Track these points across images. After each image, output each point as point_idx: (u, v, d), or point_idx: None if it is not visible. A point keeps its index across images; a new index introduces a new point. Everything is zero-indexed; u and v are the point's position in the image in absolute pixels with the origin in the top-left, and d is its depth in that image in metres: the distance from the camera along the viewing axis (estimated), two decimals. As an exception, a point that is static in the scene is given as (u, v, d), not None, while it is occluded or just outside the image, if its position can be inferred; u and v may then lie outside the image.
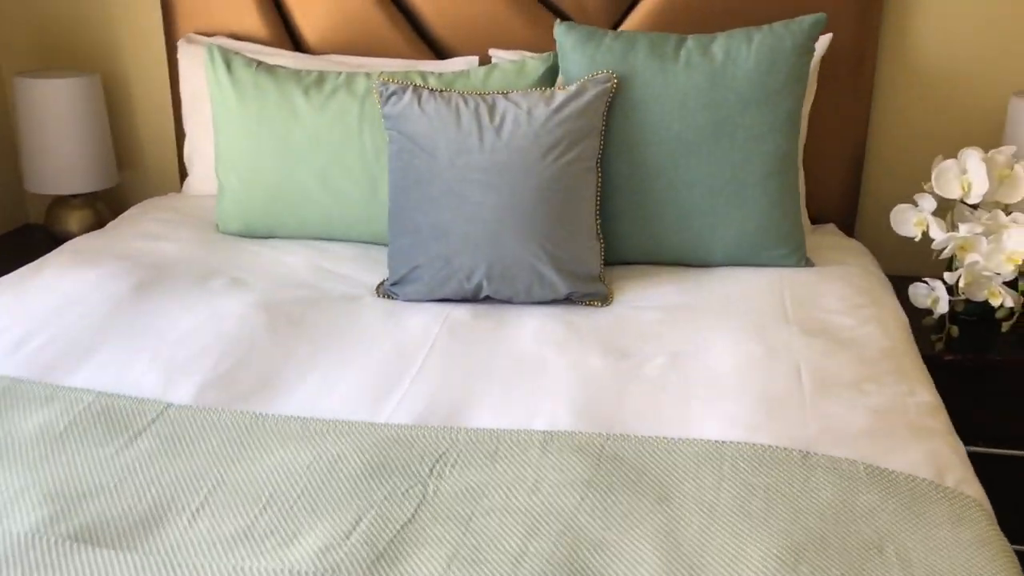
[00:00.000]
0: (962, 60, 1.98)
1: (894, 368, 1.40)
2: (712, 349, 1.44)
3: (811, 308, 1.59)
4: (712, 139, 1.69)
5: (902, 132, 2.06)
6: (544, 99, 1.66)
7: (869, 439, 1.21)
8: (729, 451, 1.17)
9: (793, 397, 1.30)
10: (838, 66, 1.95)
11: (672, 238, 1.75)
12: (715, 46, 1.71)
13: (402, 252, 1.67)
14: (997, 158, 1.72)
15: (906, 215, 1.79)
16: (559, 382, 1.38)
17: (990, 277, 1.68)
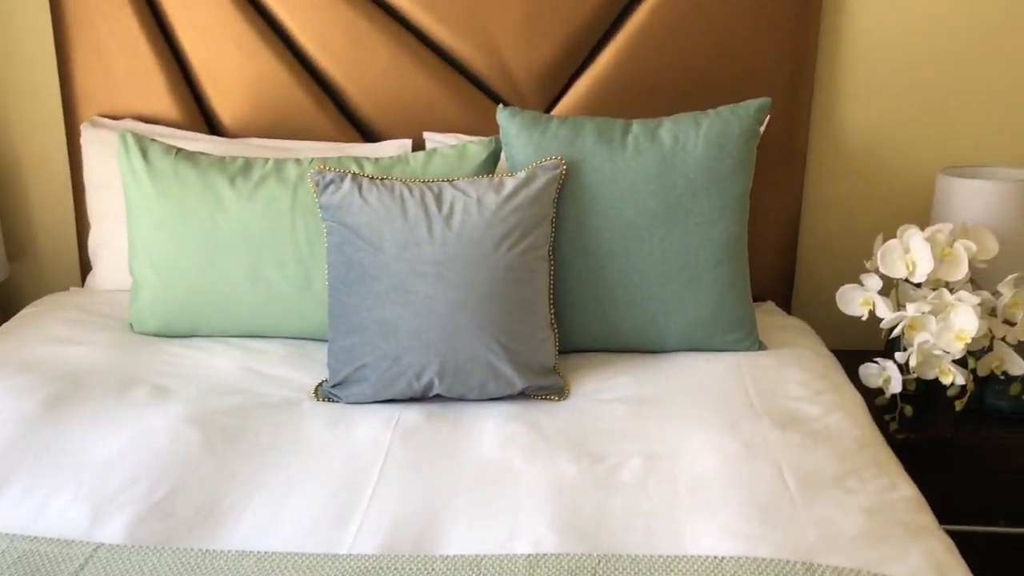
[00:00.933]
0: (889, 140, 2.03)
1: (871, 460, 1.37)
2: (687, 447, 1.38)
3: (775, 396, 1.55)
4: (664, 225, 1.66)
5: (834, 210, 2.09)
6: (494, 187, 1.60)
7: (867, 544, 1.16)
8: (730, 567, 1.10)
9: (783, 500, 1.24)
10: (772, 147, 1.96)
11: (626, 325, 1.70)
12: (663, 131, 1.68)
13: (345, 351, 1.56)
14: (938, 237, 1.74)
15: (852, 294, 1.79)
16: (533, 494, 1.28)
17: (940, 356, 1.69)
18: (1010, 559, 1.83)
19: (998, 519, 1.82)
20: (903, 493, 1.29)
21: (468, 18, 1.93)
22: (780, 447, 1.37)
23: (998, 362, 1.73)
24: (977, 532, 1.81)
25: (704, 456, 1.35)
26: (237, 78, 2.00)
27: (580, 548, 1.16)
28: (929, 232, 1.75)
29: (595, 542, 1.18)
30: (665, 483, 1.30)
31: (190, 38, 1.99)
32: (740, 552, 1.13)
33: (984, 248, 1.79)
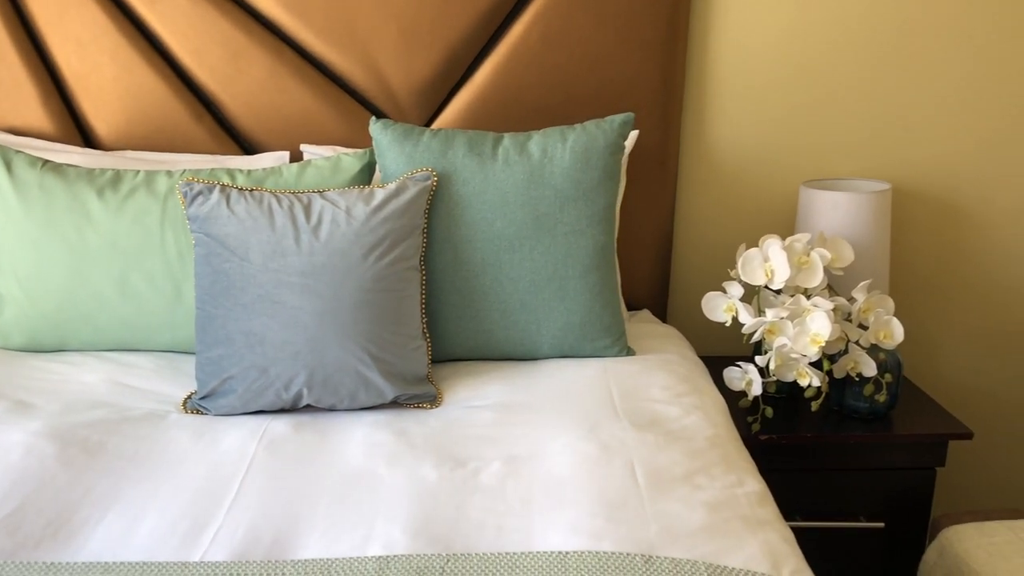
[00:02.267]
0: (755, 154, 2.12)
1: (721, 457, 1.43)
2: (547, 450, 1.42)
3: (638, 399, 1.60)
4: (533, 235, 1.70)
5: (705, 221, 2.16)
6: (363, 197, 1.62)
7: (707, 536, 1.21)
8: (573, 562, 1.14)
9: (631, 498, 1.28)
10: (645, 161, 2.03)
11: (499, 333, 1.73)
12: (531, 144, 1.73)
13: (212, 363, 1.56)
14: (795, 246, 1.82)
15: (716, 301, 1.86)
16: (393, 499, 1.30)
17: (797, 359, 1.77)
18: (870, 552, 1.92)
19: (859, 515, 1.91)
20: (748, 488, 1.35)
21: (346, 32, 1.95)
22: (635, 447, 1.42)
23: (853, 364, 1.81)
24: (839, 528, 1.89)
25: (562, 458, 1.39)
26: (112, 90, 1.97)
27: (432, 549, 1.18)
28: (787, 241, 1.83)
29: (447, 543, 1.20)
30: (522, 485, 1.33)
31: (63, 50, 1.96)
32: (585, 547, 1.17)
33: (840, 256, 1.89)
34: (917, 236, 2.17)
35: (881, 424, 1.87)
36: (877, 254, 2.00)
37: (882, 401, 1.83)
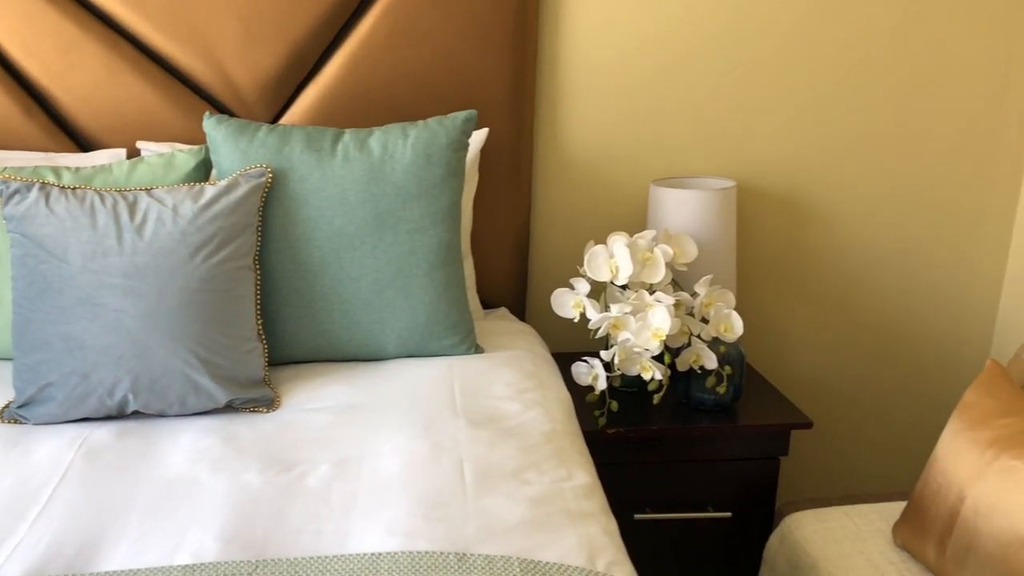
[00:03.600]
0: (608, 153, 2.15)
1: (554, 452, 1.43)
2: (377, 452, 1.40)
3: (480, 397, 1.60)
4: (375, 233, 1.68)
5: (560, 219, 2.18)
6: (192, 195, 1.57)
7: (526, 531, 1.21)
8: (385, 563, 1.12)
9: (455, 496, 1.28)
10: (498, 159, 2.04)
11: (342, 334, 1.71)
12: (372, 140, 1.71)
13: (29, 369, 1.48)
14: (639, 242, 1.85)
15: (564, 298, 1.87)
16: (211, 506, 1.26)
17: (640, 353, 1.80)
18: (718, 541, 1.96)
19: (707, 505, 1.95)
20: (576, 482, 1.36)
21: (185, 26, 1.89)
22: (468, 445, 1.41)
23: (695, 357, 1.85)
24: (688, 519, 1.93)
25: (392, 459, 1.37)
26: (-66, 84, 1.87)
27: (243, 556, 1.15)
28: (632, 238, 1.86)
29: (260, 548, 1.17)
30: (348, 487, 1.31)
31: None
32: (400, 548, 1.15)
33: (684, 252, 1.93)
34: (763, 232, 2.24)
35: (726, 415, 1.91)
36: (723, 250, 2.05)
37: (723, 393, 1.88)
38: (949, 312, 2.33)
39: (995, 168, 2.25)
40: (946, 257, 2.30)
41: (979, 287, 2.33)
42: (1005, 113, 2.21)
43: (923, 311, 2.33)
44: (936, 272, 2.30)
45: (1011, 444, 1.53)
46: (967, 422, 1.63)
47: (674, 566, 1.97)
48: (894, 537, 1.74)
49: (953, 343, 2.36)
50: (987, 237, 2.29)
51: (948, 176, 2.24)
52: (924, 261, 2.29)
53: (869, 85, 2.16)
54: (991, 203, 2.27)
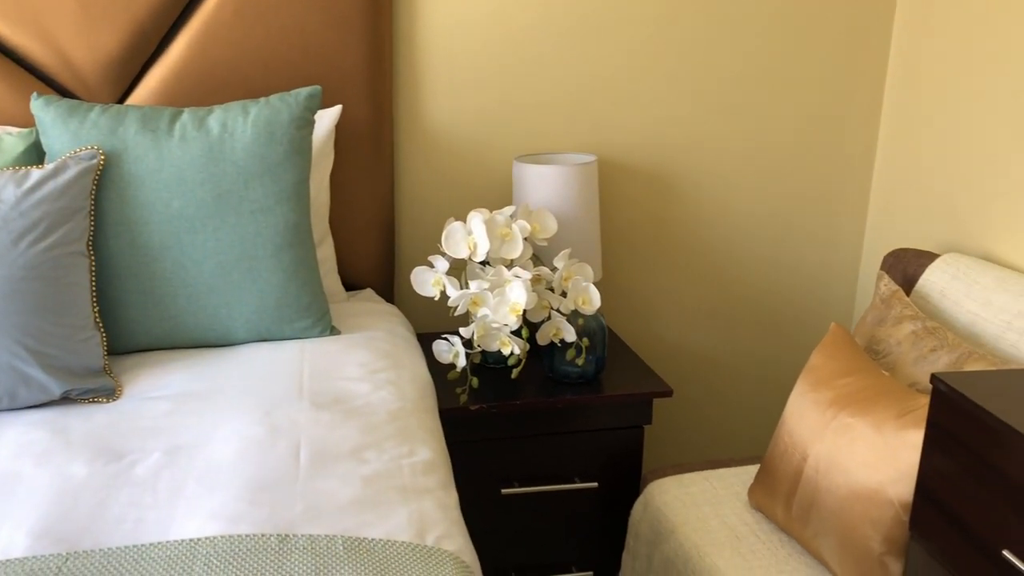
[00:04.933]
0: (472, 130, 2.13)
1: (399, 430, 1.42)
2: (213, 438, 1.36)
3: (329, 379, 1.57)
4: (217, 214, 1.63)
5: (426, 197, 2.16)
6: (15, 179, 1.50)
7: (355, 510, 1.19)
8: (204, 549, 1.09)
9: (286, 478, 1.25)
10: (356, 137, 2.00)
11: (187, 320, 1.66)
12: (211, 119, 1.66)
13: None
14: (497, 219, 1.85)
15: (424, 276, 1.86)
16: (29, 500, 1.21)
17: (499, 328, 1.80)
18: (586, 511, 1.99)
19: (574, 476, 1.97)
20: (417, 459, 1.35)
21: (17, 4, 1.80)
22: (307, 427, 1.39)
23: (555, 331, 1.86)
24: (556, 491, 1.94)
25: (226, 444, 1.34)
26: None
27: (55, 549, 1.11)
28: (490, 215, 1.85)
29: (75, 541, 1.13)
30: (178, 475, 1.27)
31: None
32: (221, 532, 1.13)
33: (544, 227, 1.93)
34: (627, 206, 2.26)
35: (590, 387, 1.93)
36: (586, 224, 2.06)
37: (582, 364, 1.89)
38: (809, 280, 2.40)
39: (850, 138, 2.31)
40: (806, 227, 2.36)
41: (839, 255, 2.40)
42: (858, 82, 2.27)
43: (784, 279, 2.39)
44: (796, 242, 2.36)
45: (849, 403, 1.58)
46: (811, 384, 1.68)
47: (543, 538, 1.99)
48: (749, 499, 1.78)
49: (814, 310, 2.42)
50: (845, 207, 2.36)
51: (806, 148, 2.30)
52: (784, 231, 2.35)
53: (727, 60, 2.20)
54: (848, 174, 2.34)
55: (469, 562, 1.16)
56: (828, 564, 1.56)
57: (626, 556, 1.93)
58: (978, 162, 1.98)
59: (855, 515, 1.49)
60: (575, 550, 2.01)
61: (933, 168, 2.13)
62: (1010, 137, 1.90)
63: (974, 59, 1.99)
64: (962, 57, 2.02)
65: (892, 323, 1.80)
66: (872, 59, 2.26)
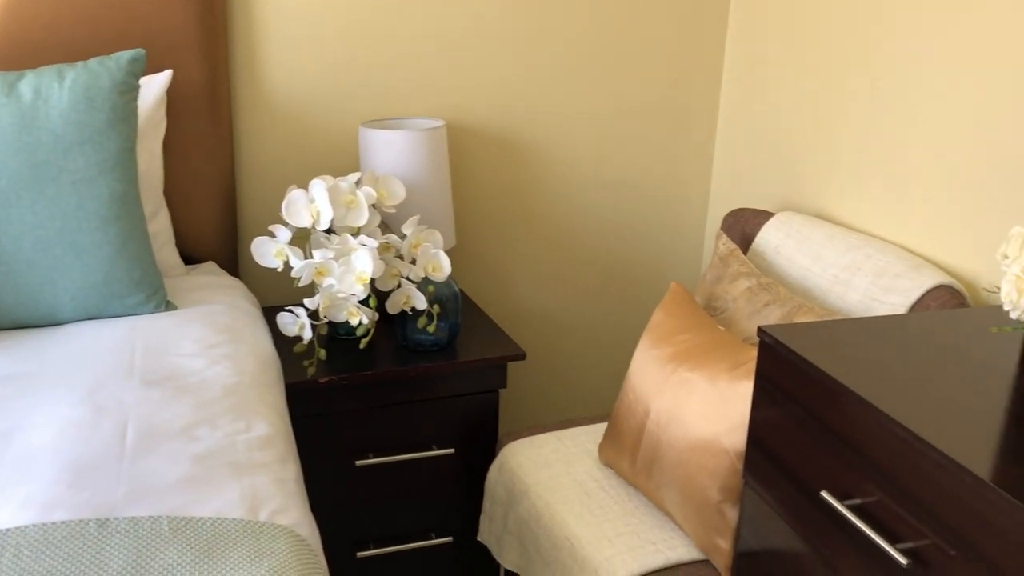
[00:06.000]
0: (316, 95, 2.07)
1: (235, 405, 1.38)
2: (31, 422, 1.28)
3: (162, 355, 1.51)
4: (34, 186, 1.53)
5: (269, 165, 2.10)
6: None
7: (183, 489, 1.15)
8: (13, 539, 1.03)
9: (109, 460, 1.19)
10: (191, 102, 1.92)
11: (6, 299, 1.55)
12: (23, 84, 1.55)
13: None
14: (341, 185, 1.80)
15: (265, 247, 1.80)
16: None
17: (346, 298, 1.76)
18: (444, 478, 1.99)
19: (431, 444, 1.96)
20: (254, 434, 1.31)
21: None
22: (135, 406, 1.32)
23: (406, 299, 1.84)
24: (413, 459, 1.94)
25: (45, 428, 1.26)
26: None
27: None
28: (333, 182, 1.81)
29: None
30: (-11, 463, 1.20)
31: None
32: (34, 520, 1.07)
33: (391, 194, 1.90)
34: (479, 170, 2.26)
35: (444, 354, 1.93)
36: (437, 189, 2.04)
37: (434, 332, 1.88)
38: (658, 241, 2.46)
39: (694, 102, 2.37)
40: (653, 189, 2.41)
41: (685, 217, 2.46)
42: (699, 50, 2.33)
43: (634, 241, 2.44)
44: (644, 204, 2.41)
45: (687, 358, 1.63)
46: (652, 341, 1.73)
47: (401, 507, 1.98)
48: (599, 456, 1.82)
49: (663, 270, 2.49)
50: (691, 170, 2.43)
51: (651, 112, 2.34)
52: (632, 194, 2.40)
53: (573, 24, 2.21)
54: (693, 138, 2.40)
55: (306, 535, 1.14)
56: (671, 514, 1.62)
57: (483, 519, 1.95)
58: (812, 126, 2.07)
59: (694, 466, 1.54)
60: (434, 516, 2.01)
61: (771, 132, 2.21)
62: (840, 103, 1.98)
63: (807, 30, 2.06)
64: (797, 28, 2.10)
65: (729, 280, 1.87)
66: (712, 27, 2.32)
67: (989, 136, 1.62)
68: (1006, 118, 1.59)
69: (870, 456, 1.11)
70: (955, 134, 1.69)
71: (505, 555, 1.85)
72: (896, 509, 1.07)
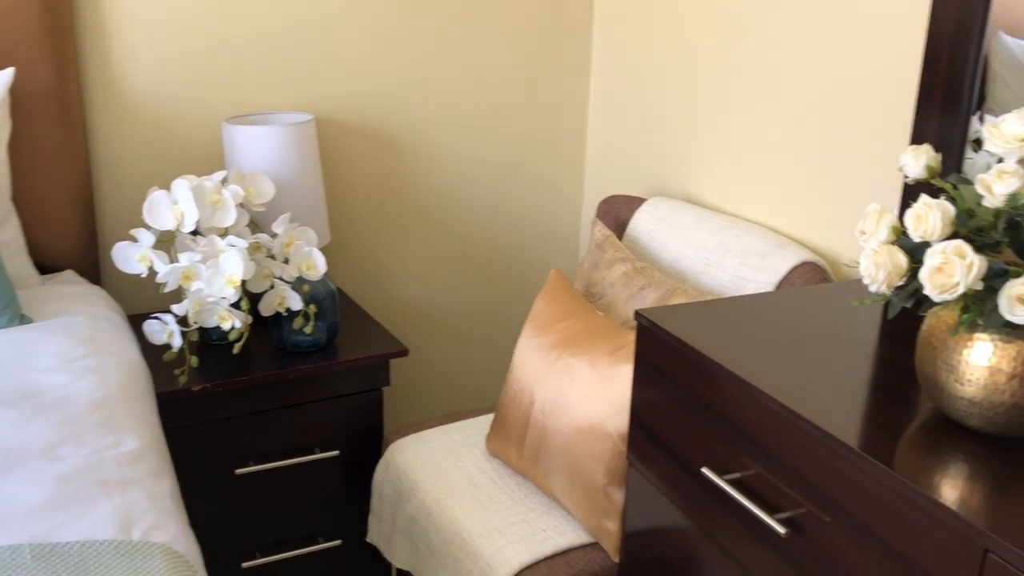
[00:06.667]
0: (176, 93, 1.99)
1: (102, 420, 1.30)
2: None
3: (20, 372, 1.41)
4: None
5: (127, 166, 2.00)
6: None
7: (47, 513, 1.08)
8: None
9: (-39, 488, 1.11)
10: (38, 102, 1.80)
11: None
12: None
13: None
14: (206, 185, 1.73)
15: (128, 252, 1.71)
16: None
17: (216, 302, 1.70)
18: (330, 480, 1.94)
19: (315, 447, 1.92)
20: (124, 449, 1.25)
21: None
22: (-10, 428, 1.24)
23: (280, 300, 1.79)
24: (295, 464, 1.89)
25: None
26: None
27: None
28: (197, 181, 1.73)
29: None
30: None
31: None
32: None
33: (259, 192, 1.84)
34: (352, 165, 2.21)
35: (324, 354, 1.88)
36: (308, 186, 1.99)
37: (311, 333, 1.84)
38: (536, 231, 2.48)
39: (565, 91, 2.39)
40: (528, 179, 2.42)
41: (561, 205, 2.49)
42: (567, 39, 2.35)
43: (512, 232, 2.45)
44: (520, 194, 2.43)
45: (568, 344, 1.65)
46: (534, 329, 1.74)
47: (287, 513, 1.93)
48: (486, 447, 1.82)
49: (542, 259, 2.51)
50: (564, 159, 2.45)
51: (522, 101, 2.35)
52: (508, 184, 2.40)
53: (442, 14, 2.19)
54: (565, 126, 2.42)
55: (184, 551, 1.09)
56: (560, 500, 1.63)
57: (372, 519, 1.92)
58: (678, 112, 2.12)
59: (579, 451, 1.56)
60: (322, 520, 1.97)
61: (641, 119, 2.25)
62: (704, 89, 2.04)
63: (671, 19, 2.11)
64: (661, 17, 2.14)
65: (606, 266, 1.90)
66: (578, 18, 2.34)
67: (842, 118, 1.70)
68: (856, 99, 1.67)
69: (746, 431, 1.15)
70: (812, 117, 1.77)
71: (396, 554, 1.83)
72: (773, 480, 1.11)
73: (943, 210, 0.97)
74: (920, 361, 1.04)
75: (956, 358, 0.97)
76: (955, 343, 0.98)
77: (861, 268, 1.02)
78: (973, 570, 0.86)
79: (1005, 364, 0.94)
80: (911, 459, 0.96)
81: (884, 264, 1.00)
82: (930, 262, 0.94)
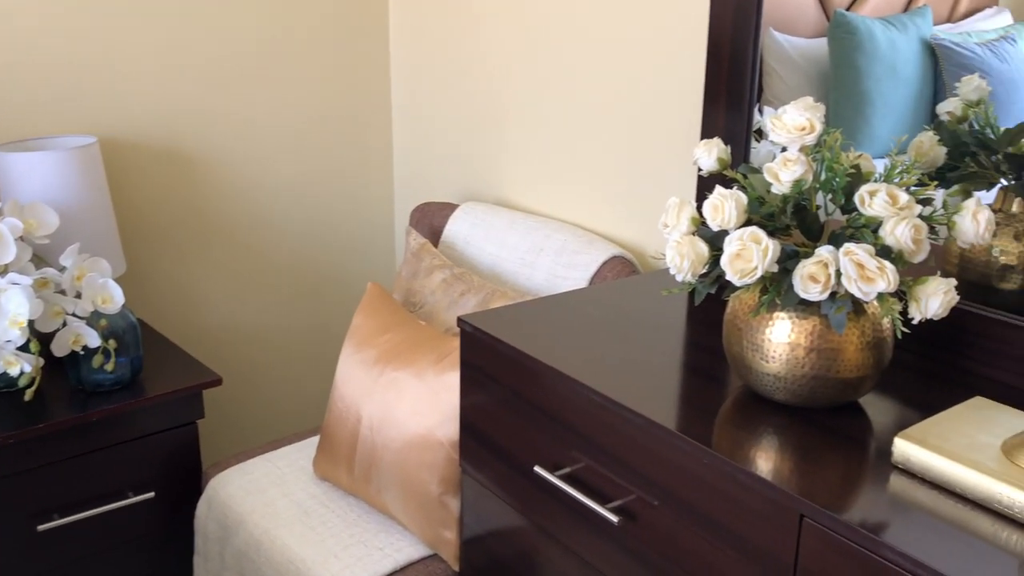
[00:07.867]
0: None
1: None
2: None
3: None
4: None
5: None
6: None
7: None
8: None
9: None
10: None
11: None
12: None
13: None
14: (-23, 219, 1.58)
15: None
16: None
17: (1, 346, 1.55)
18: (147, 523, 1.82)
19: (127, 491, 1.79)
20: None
21: None
22: None
23: (74, 338, 1.65)
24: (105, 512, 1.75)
25: None
26: None
27: None
28: (-33, 215, 1.58)
29: None
30: None
31: None
32: None
33: (42, 223, 1.69)
34: (145, 189, 2.09)
35: (129, 392, 1.76)
36: (97, 214, 1.85)
37: (112, 370, 1.71)
38: (349, 245, 2.43)
39: (367, 103, 2.36)
40: (337, 193, 2.37)
41: (373, 217, 2.45)
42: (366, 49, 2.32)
43: (324, 248, 2.39)
44: (330, 209, 2.37)
45: (392, 357, 1.62)
46: (356, 345, 1.70)
47: (100, 566, 1.79)
48: (314, 471, 1.77)
49: (359, 273, 2.47)
50: (372, 170, 2.42)
51: (327, 118, 2.30)
52: (316, 200, 2.34)
53: (234, 29, 2.10)
54: (370, 137, 2.39)
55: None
56: (395, 516, 1.60)
57: (197, 560, 1.81)
58: (481, 118, 2.14)
59: (412, 464, 1.54)
60: (141, 568, 1.84)
61: (447, 128, 2.25)
62: (504, 94, 2.07)
63: (466, 27, 2.13)
64: (456, 26, 2.15)
65: (424, 274, 1.89)
66: (374, 34, 2.32)
67: (637, 117, 1.78)
68: (648, 98, 1.74)
69: (572, 425, 1.17)
70: (608, 117, 1.83)
71: (227, 594, 1.74)
72: (602, 471, 1.13)
73: (736, 199, 1.02)
74: (727, 342, 1.09)
75: (760, 337, 1.03)
76: (758, 323, 1.04)
77: (667, 259, 1.06)
78: (792, 535, 0.91)
79: (803, 339, 1.01)
80: (727, 436, 1.01)
81: (687, 254, 1.04)
82: (729, 249, 0.99)
